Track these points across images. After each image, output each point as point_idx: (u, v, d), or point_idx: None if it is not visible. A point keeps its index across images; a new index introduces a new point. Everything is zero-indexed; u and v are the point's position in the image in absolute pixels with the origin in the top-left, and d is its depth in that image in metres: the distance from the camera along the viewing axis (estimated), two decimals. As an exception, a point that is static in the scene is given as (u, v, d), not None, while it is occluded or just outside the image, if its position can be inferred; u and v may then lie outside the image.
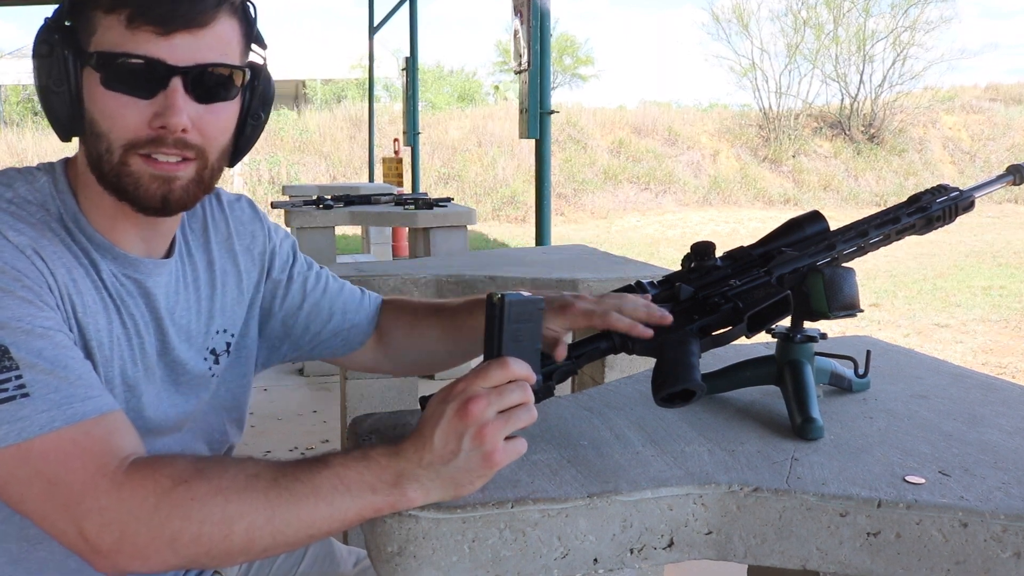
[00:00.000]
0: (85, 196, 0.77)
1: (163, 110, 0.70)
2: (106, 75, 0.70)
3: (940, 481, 0.71)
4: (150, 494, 0.63)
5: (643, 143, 15.80)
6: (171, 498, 0.63)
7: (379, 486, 0.64)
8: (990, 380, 1.03)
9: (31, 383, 0.64)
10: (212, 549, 0.63)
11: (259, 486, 0.64)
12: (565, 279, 1.78)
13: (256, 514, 0.63)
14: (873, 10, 19.92)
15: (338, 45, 21.46)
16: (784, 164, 15.85)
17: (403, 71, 7.47)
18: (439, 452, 0.64)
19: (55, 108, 0.73)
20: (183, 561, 0.64)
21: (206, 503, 0.63)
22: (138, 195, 0.73)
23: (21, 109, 17.74)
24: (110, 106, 0.71)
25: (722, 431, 0.83)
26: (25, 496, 0.64)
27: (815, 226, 0.87)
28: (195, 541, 0.63)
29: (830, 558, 0.69)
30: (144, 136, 0.71)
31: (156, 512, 0.62)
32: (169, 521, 0.62)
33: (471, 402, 0.64)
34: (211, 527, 0.62)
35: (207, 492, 0.63)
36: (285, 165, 13.95)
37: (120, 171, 0.72)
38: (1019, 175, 0.97)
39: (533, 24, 3.22)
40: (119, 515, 0.62)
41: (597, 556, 0.68)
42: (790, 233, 0.87)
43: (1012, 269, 8.14)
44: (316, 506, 0.63)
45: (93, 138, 0.73)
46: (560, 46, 26.81)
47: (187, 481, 0.63)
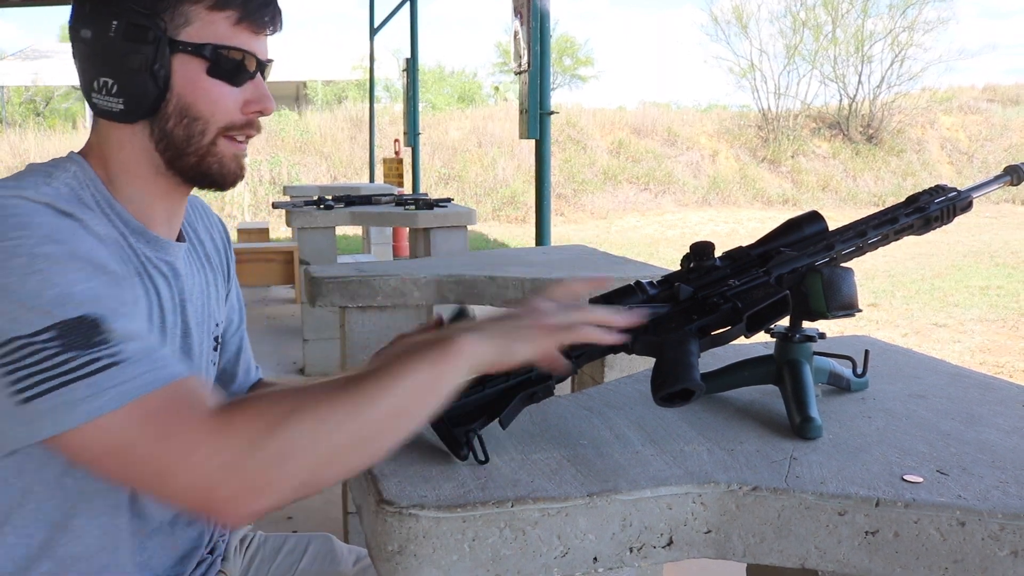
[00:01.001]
0: (118, 181, 0.80)
1: (256, 97, 0.81)
2: (214, 65, 0.78)
3: (938, 480, 0.72)
4: (255, 423, 0.63)
5: (643, 144, 15.80)
6: (273, 419, 0.63)
7: (431, 352, 0.68)
8: (988, 379, 1.03)
9: (125, 351, 0.65)
10: (327, 452, 0.64)
11: (339, 388, 0.66)
12: (565, 279, 1.78)
13: (347, 406, 0.64)
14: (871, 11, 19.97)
15: (339, 46, 21.46)
16: (783, 165, 15.85)
17: (403, 72, 7.48)
18: (494, 318, 0.72)
19: (146, 91, 0.77)
20: (304, 475, 0.63)
21: (304, 410, 0.64)
22: (221, 173, 0.82)
23: (23, 110, 17.73)
24: (213, 92, 0.79)
25: (721, 430, 0.84)
26: (132, 460, 0.64)
27: (814, 226, 0.88)
28: (309, 449, 0.63)
29: (828, 557, 0.69)
30: (239, 120, 0.81)
31: (263, 437, 0.62)
32: (279, 439, 0.62)
33: (538, 302, 0.73)
34: (317, 431, 0.63)
35: (301, 403, 0.64)
36: (286, 165, 13.95)
37: (208, 151, 0.80)
38: (1017, 175, 0.97)
39: (533, 25, 3.22)
40: (231, 457, 0.62)
41: (597, 555, 0.68)
42: (789, 233, 0.87)
43: (1009, 269, 8.14)
44: (392, 383, 0.66)
45: (185, 121, 0.79)
46: (560, 47, 26.82)
47: (282, 399, 0.65)
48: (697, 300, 0.82)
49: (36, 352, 0.63)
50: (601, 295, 0.82)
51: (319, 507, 2.42)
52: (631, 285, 0.83)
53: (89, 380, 0.63)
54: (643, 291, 0.82)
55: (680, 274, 0.86)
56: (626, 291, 0.82)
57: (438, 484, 0.70)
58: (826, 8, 17.61)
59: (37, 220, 0.68)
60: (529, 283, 1.80)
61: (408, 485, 0.70)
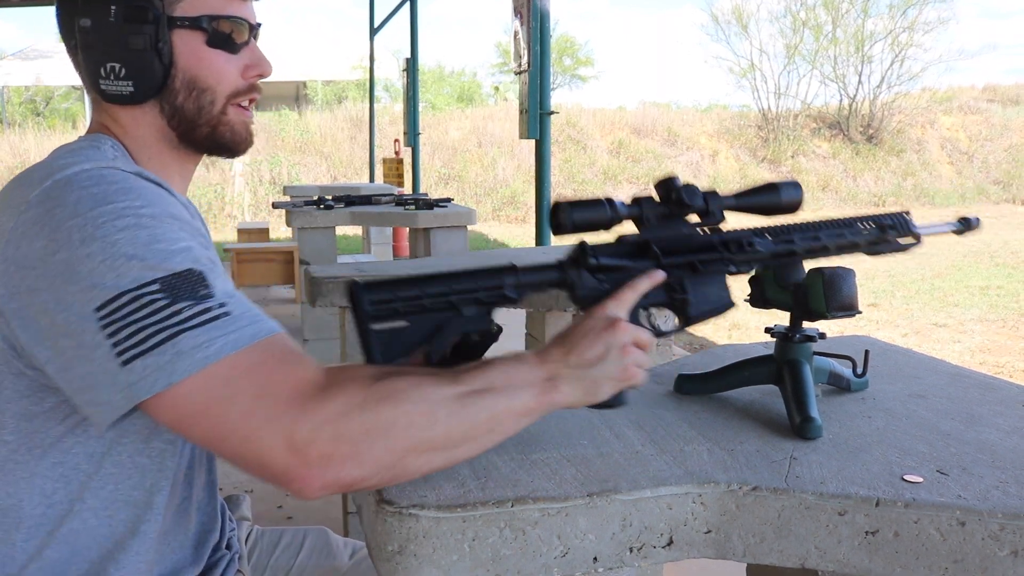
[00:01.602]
0: (136, 155, 0.83)
1: (254, 61, 0.84)
2: (212, 35, 0.81)
3: (938, 480, 0.72)
4: (357, 389, 0.63)
5: (643, 144, 15.80)
6: (377, 391, 0.63)
7: (536, 381, 0.70)
8: (988, 379, 1.03)
9: (229, 304, 0.65)
10: (419, 439, 0.63)
11: (444, 382, 0.66)
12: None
13: (451, 403, 0.65)
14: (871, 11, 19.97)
15: (339, 46, 21.47)
16: (783, 164, 15.85)
17: (403, 72, 7.48)
18: (586, 356, 0.72)
19: (153, 69, 0.79)
20: (392, 457, 0.63)
21: (410, 392, 0.64)
22: (234, 140, 0.85)
23: (23, 110, 17.73)
24: (216, 62, 0.81)
25: (721, 430, 0.84)
26: (230, 416, 0.62)
27: (792, 193, 0.85)
28: (405, 431, 0.63)
29: (828, 557, 0.69)
30: (243, 86, 0.84)
31: (365, 405, 0.62)
32: (380, 412, 0.62)
33: (620, 321, 0.74)
34: (418, 416, 0.63)
35: (406, 384, 0.64)
36: (286, 165, 13.95)
37: (219, 120, 0.83)
38: (967, 226, 0.98)
39: (533, 25, 3.22)
40: (330, 418, 0.61)
41: (597, 555, 0.68)
42: (764, 194, 0.85)
43: (1009, 269, 8.14)
44: (495, 399, 0.67)
45: (193, 94, 0.81)
46: (560, 47, 26.81)
47: (386, 377, 0.65)
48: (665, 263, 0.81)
49: (144, 306, 0.62)
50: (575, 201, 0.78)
51: (319, 507, 2.42)
52: (601, 201, 0.79)
53: (199, 330, 0.62)
54: (613, 209, 0.79)
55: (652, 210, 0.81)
56: (595, 204, 0.78)
57: (438, 484, 0.70)
58: (826, 8, 17.62)
59: (137, 185, 0.70)
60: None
61: (408, 485, 0.69)
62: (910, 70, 17.35)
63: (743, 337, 5.37)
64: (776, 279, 0.89)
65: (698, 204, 0.81)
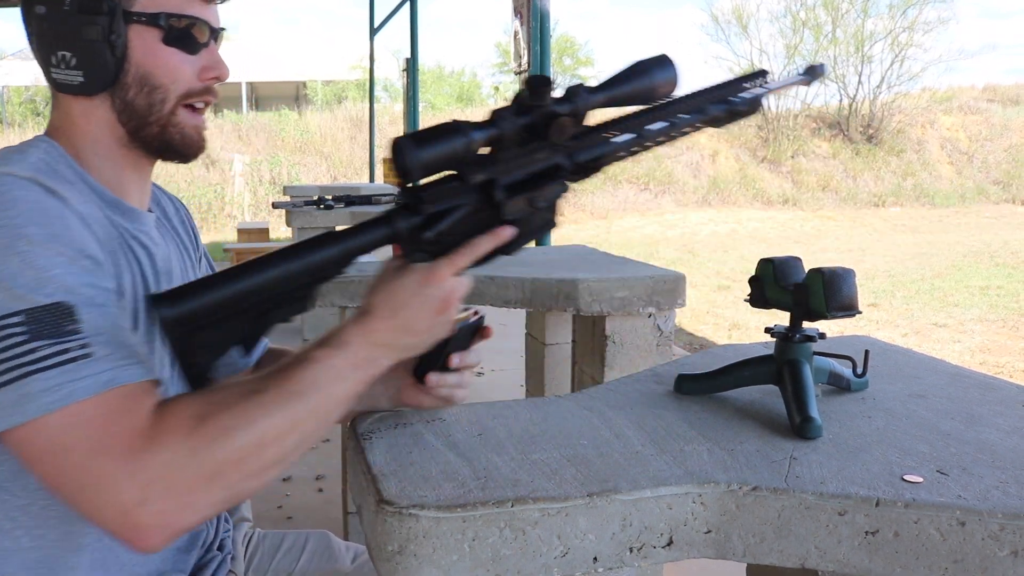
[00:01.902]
0: (86, 155, 0.81)
1: (212, 63, 0.83)
2: (169, 33, 0.80)
3: (938, 480, 0.72)
4: (183, 440, 0.62)
5: (642, 143, 15.76)
6: (203, 436, 0.63)
7: (361, 363, 0.71)
8: (988, 379, 1.03)
9: (93, 345, 0.64)
10: (253, 469, 0.64)
11: (269, 399, 0.66)
12: (565, 279, 1.78)
13: (280, 422, 0.66)
14: (871, 11, 19.95)
15: (338, 46, 21.47)
16: (783, 164, 15.85)
17: (403, 72, 7.48)
18: (415, 329, 0.72)
19: (105, 61, 0.78)
20: (229, 492, 0.64)
21: (237, 430, 0.64)
22: (183, 142, 0.83)
23: (23, 110, 17.72)
24: (171, 61, 0.80)
25: (721, 430, 0.84)
26: (62, 468, 0.62)
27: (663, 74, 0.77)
28: (237, 468, 0.63)
29: (828, 557, 0.69)
30: (197, 88, 0.82)
31: (194, 455, 0.62)
32: (208, 457, 0.62)
33: (455, 293, 0.73)
34: (248, 450, 0.64)
35: (232, 419, 0.64)
36: (286, 165, 13.95)
37: (169, 121, 0.81)
38: (813, 74, 0.91)
39: (533, 25, 3.23)
40: (161, 471, 0.61)
41: (597, 555, 0.68)
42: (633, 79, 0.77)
43: (1009, 269, 8.14)
44: (321, 398, 0.69)
45: (144, 91, 0.80)
46: (560, 47, 26.82)
47: (211, 414, 0.64)
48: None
49: (1, 339, 0.61)
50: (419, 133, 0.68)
51: (319, 507, 2.42)
52: (451, 127, 0.69)
53: (51, 372, 0.61)
54: (468, 136, 0.68)
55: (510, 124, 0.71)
56: (445, 132, 0.68)
57: (438, 484, 0.70)
58: (826, 8, 17.62)
59: (23, 196, 0.68)
60: (529, 283, 1.80)
61: (408, 485, 0.69)
62: (910, 70, 17.36)
63: (743, 337, 5.37)
64: (776, 279, 0.89)
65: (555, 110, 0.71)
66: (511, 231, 0.74)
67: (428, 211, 0.70)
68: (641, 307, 1.79)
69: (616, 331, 1.80)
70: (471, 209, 0.72)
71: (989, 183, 15.98)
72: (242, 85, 21.43)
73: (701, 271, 8.28)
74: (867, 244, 10.56)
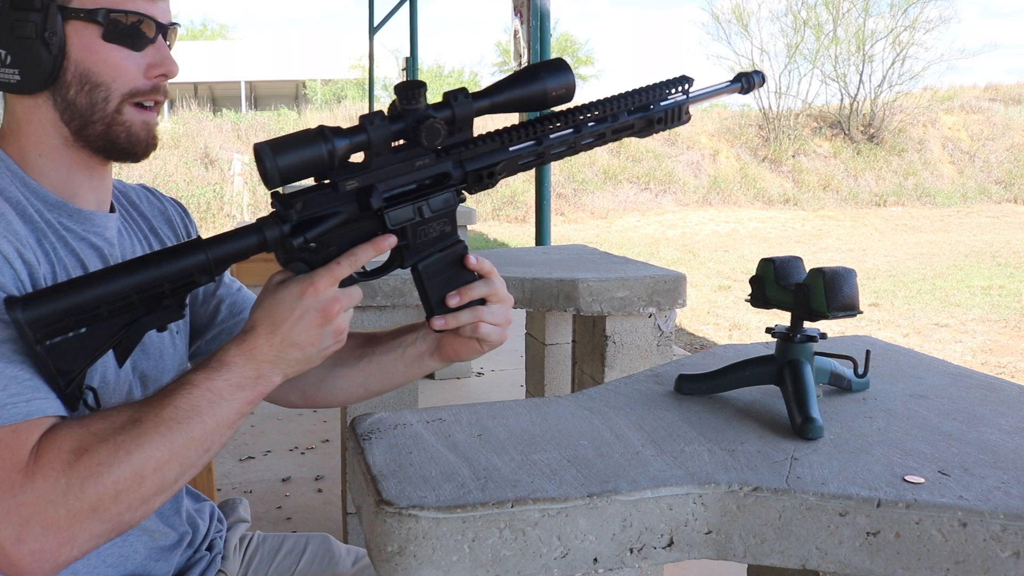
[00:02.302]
0: (34, 155, 0.79)
1: (158, 60, 0.79)
2: (110, 30, 0.76)
3: (939, 481, 0.71)
4: (60, 474, 0.63)
5: (643, 143, 15.78)
6: (79, 471, 0.63)
7: (245, 383, 0.70)
8: (989, 380, 1.03)
9: None
10: (131, 501, 0.65)
11: (147, 428, 0.66)
12: (565, 279, 1.78)
13: (158, 453, 0.66)
14: (872, 10, 19.95)
15: (337, 45, 21.46)
16: (784, 164, 15.84)
17: (403, 71, 7.48)
18: (299, 343, 0.71)
19: (40, 59, 0.75)
20: (108, 526, 0.65)
21: (113, 464, 0.64)
22: (129, 141, 0.79)
23: None
24: (112, 58, 0.77)
25: (722, 431, 0.83)
26: None
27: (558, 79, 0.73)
28: (114, 501, 0.64)
29: (830, 558, 0.69)
30: (143, 86, 0.79)
31: (69, 490, 0.63)
32: (85, 494, 0.63)
33: (335, 303, 0.71)
34: (125, 483, 0.64)
35: (109, 452, 0.64)
36: (285, 165, 13.92)
37: (113, 119, 0.78)
38: (747, 82, 0.86)
39: (533, 24, 3.22)
40: (37, 508, 0.62)
41: (597, 556, 0.68)
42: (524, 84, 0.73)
43: (1011, 269, 8.14)
44: (203, 422, 0.68)
45: (86, 89, 0.77)
46: (560, 46, 26.80)
47: (87, 449, 0.64)
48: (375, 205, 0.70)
49: None
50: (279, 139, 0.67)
51: (319, 507, 2.42)
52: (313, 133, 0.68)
53: None
54: (331, 143, 0.67)
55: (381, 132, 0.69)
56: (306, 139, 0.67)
57: (438, 484, 0.70)
58: (827, 7, 17.60)
59: None
60: (529, 283, 1.80)
61: (408, 486, 0.69)
62: (911, 69, 17.34)
63: (744, 337, 5.37)
64: (777, 279, 0.88)
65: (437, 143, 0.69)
66: (392, 239, 0.73)
67: (297, 218, 0.69)
68: (641, 307, 1.78)
69: (616, 331, 1.79)
70: (349, 217, 0.70)
71: (991, 183, 15.97)
72: (241, 84, 21.44)
73: (701, 271, 8.27)
74: (868, 244, 10.55)
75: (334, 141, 0.67)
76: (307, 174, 0.68)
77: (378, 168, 0.71)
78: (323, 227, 0.70)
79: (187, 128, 14.50)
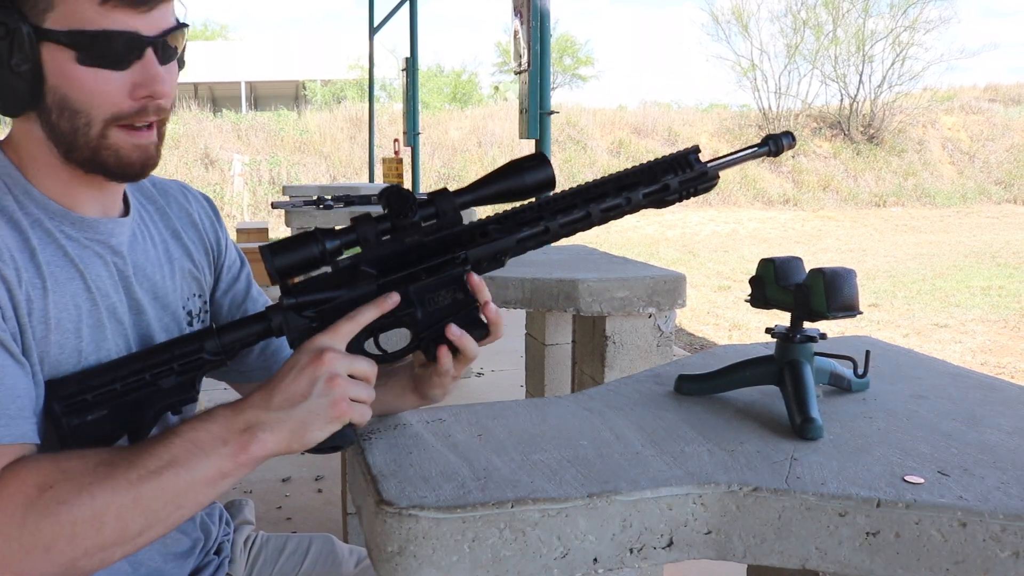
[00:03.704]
0: (33, 168, 0.76)
1: (144, 80, 0.72)
2: (83, 52, 0.70)
3: (939, 481, 0.71)
4: (18, 508, 0.62)
5: (643, 143, 15.80)
6: (38, 507, 0.62)
7: (230, 437, 0.67)
8: (989, 380, 1.03)
9: None
10: (88, 546, 0.63)
11: (118, 472, 0.64)
12: (565, 279, 1.78)
13: (123, 500, 0.63)
14: (872, 10, 19.96)
15: (337, 46, 21.47)
16: (783, 164, 15.85)
17: (403, 71, 7.48)
18: (288, 394, 0.68)
19: (13, 86, 0.71)
20: (60, 568, 0.63)
21: (73, 503, 0.62)
22: (119, 165, 0.75)
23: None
24: (88, 82, 0.71)
25: (722, 431, 0.83)
26: None
27: (537, 174, 0.76)
28: (70, 543, 0.62)
29: (829, 558, 0.69)
30: (128, 108, 0.73)
31: (25, 524, 0.62)
32: (39, 531, 0.62)
33: (327, 352, 0.69)
34: (83, 526, 0.62)
35: (71, 491, 0.63)
36: (285, 165, 13.95)
37: (99, 144, 0.73)
38: (775, 144, 0.84)
39: (533, 24, 3.22)
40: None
41: (597, 556, 0.68)
42: (509, 177, 0.77)
43: (1011, 269, 8.14)
44: (177, 475, 0.65)
45: (65, 115, 0.72)
46: (560, 46, 26.82)
47: (52, 486, 0.63)
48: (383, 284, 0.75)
49: None
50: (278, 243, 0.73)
51: (319, 507, 2.42)
52: (308, 236, 0.73)
53: None
54: (322, 244, 0.73)
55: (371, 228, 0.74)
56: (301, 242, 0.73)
57: (438, 485, 0.70)
58: (827, 7, 17.61)
59: None
60: (529, 283, 1.80)
61: (408, 486, 0.69)
62: (911, 69, 17.35)
63: (743, 337, 5.37)
64: (777, 279, 0.88)
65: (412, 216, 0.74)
66: (395, 297, 0.74)
67: (301, 300, 0.74)
68: (641, 307, 1.78)
69: (616, 331, 1.79)
70: (347, 293, 0.75)
71: (990, 183, 15.98)
72: (241, 85, 21.44)
73: (701, 271, 8.28)
74: (868, 244, 10.56)
75: (324, 242, 0.73)
76: (306, 269, 0.74)
77: (369, 249, 0.76)
78: (319, 295, 0.75)
79: (187, 128, 14.50)
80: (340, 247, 0.74)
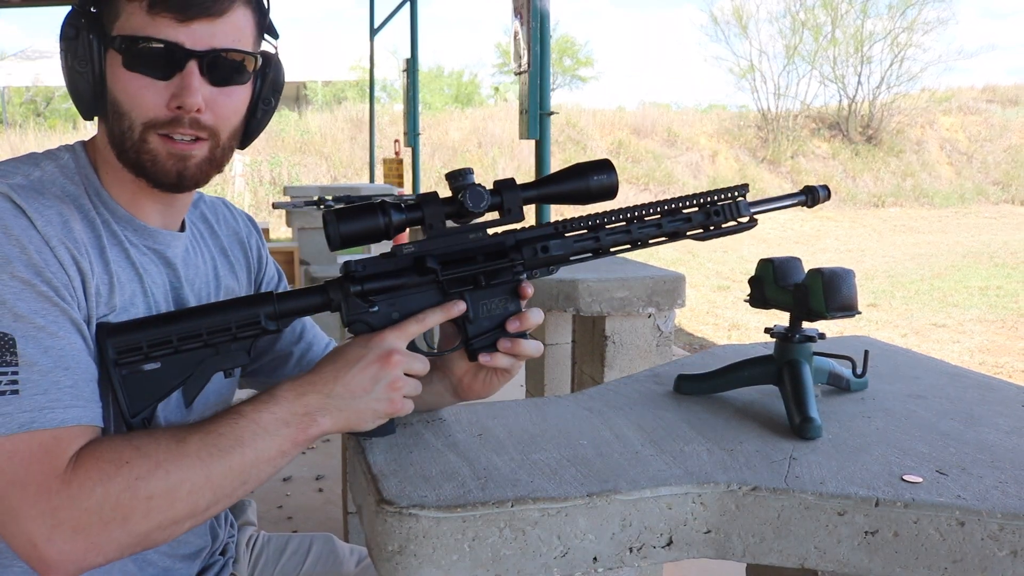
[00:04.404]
0: (106, 172, 0.81)
1: (179, 91, 0.75)
2: (127, 57, 0.75)
3: (937, 480, 0.72)
4: (96, 484, 0.64)
5: (642, 144, 15.80)
6: (117, 482, 0.65)
7: (291, 420, 0.71)
8: (987, 380, 1.03)
9: (24, 381, 0.66)
10: (161, 520, 0.66)
11: (190, 449, 0.67)
12: (565, 279, 1.78)
13: (195, 476, 0.67)
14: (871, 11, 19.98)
15: (337, 47, 21.47)
16: (782, 165, 15.85)
17: (403, 72, 7.48)
18: (352, 386, 0.73)
19: (80, 88, 0.77)
20: (135, 540, 0.66)
21: (149, 479, 0.65)
22: (155, 171, 0.78)
23: (24, 110, 17.72)
24: (131, 87, 0.76)
25: (721, 431, 0.84)
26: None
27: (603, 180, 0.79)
28: (145, 517, 0.65)
29: (828, 557, 0.69)
30: (163, 117, 0.76)
31: (105, 500, 0.64)
32: (119, 504, 0.64)
33: (394, 354, 0.74)
34: (158, 500, 0.65)
35: (148, 468, 0.66)
36: (286, 166, 13.94)
37: (140, 148, 0.77)
38: (812, 196, 0.87)
39: (533, 26, 3.22)
40: (71, 513, 0.64)
41: (596, 555, 0.68)
42: (572, 179, 0.80)
43: (1009, 269, 8.15)
44: (243, 454, 0.69)
45: (116, 117, 0.77)
46: (560, 47, 26.81)
47: (128, 462, 0.66)
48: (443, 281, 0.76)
49: None
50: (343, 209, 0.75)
51: (319, 507, 2.42)
52: (374, 207, 0.75)
53: None
54: (388, 217, 0.74)
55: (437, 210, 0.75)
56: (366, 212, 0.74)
57: (438, 484, 0.70)
58: (825, 9, 17.62)
59: None
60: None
61: (408, 485, 0.70)
62: (909, 70, 17.36)
63: (743, 337, 5.37)
64: (776, 279, 0.89)
65: (482, 207, 0.75)
66: (461, 305, 0.77)
67: (359, 275, 0.76)
68: (641, 307, 1.79)
69: (616, 331, 1.80)
70: (408, 282, 0.76)
71: (988, 183, 15.98)
72: (242, 85, 21.36)
73: (701, 271, 8.28)
74: (866, 244, 10.56)
75: (391, 214, 0.74)
76: (366, 240, 0.75)
77: (437, 236, 0.77)
78: (381, 283, 0.76)
79: (186, 129, 14.46)
80: (405, 222, 0.75)
